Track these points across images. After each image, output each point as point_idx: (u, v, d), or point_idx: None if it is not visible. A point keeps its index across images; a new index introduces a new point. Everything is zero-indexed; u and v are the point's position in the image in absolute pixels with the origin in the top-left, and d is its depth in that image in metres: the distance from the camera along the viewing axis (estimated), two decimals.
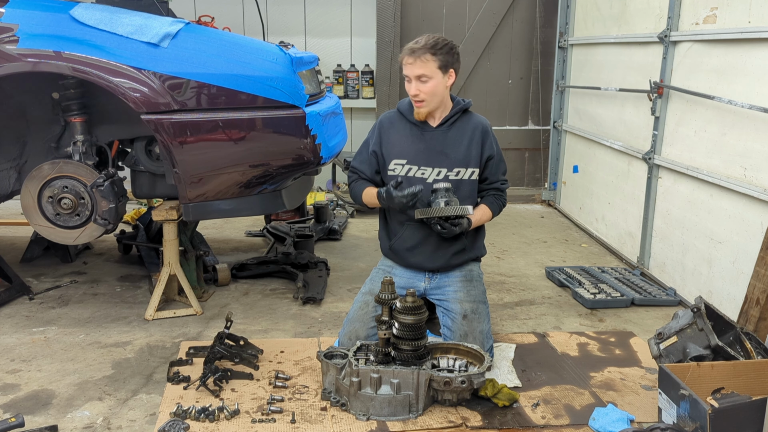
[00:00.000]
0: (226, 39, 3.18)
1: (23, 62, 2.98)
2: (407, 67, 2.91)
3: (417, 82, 2.91)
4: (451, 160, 3.01)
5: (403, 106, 3.11)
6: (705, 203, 3.67)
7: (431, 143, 3.02)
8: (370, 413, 2.56)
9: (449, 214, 2.87)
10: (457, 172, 3.01)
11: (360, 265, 4.44)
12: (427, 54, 2.88)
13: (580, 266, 4.43)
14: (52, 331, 3.34)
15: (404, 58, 2.93)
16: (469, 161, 3.02)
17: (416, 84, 2.91)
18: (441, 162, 3.01)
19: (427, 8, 6.43)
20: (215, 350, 2.87)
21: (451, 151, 3.01)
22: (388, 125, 3.10)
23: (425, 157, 3.01)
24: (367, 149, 3.13)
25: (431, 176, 3.01)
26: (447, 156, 3.01)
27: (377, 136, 3.11)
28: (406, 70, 2.92)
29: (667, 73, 4.01)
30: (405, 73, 2.94)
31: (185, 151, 3.10)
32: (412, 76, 2.91)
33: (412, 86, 2.93)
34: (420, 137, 3.03)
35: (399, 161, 3.04)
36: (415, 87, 2.92)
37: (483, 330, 2.99)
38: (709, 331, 2.58)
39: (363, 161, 3.14)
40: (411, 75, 2.91)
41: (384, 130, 3.10)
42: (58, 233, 3.32)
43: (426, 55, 2.88)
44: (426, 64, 2.88)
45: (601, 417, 2.56)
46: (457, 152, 3.01)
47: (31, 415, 2.57)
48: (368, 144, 3.14)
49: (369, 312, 3.01)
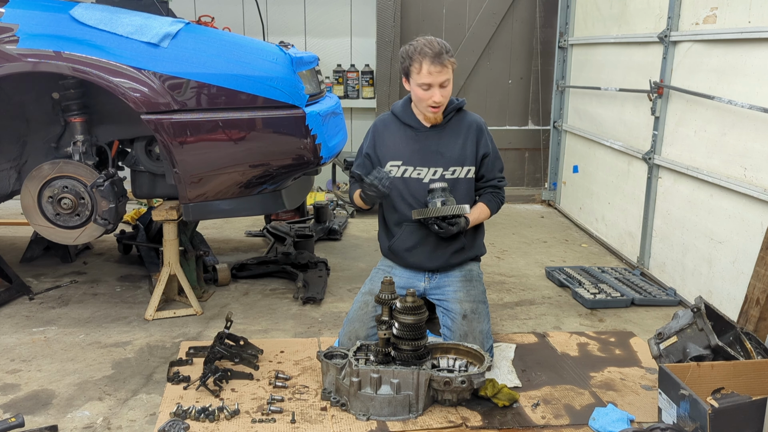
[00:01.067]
0: (226, 39, 3.18)
1: (23, 62, 2.98)
2: (431, 76, 2.82)
3: (440, 89, 2.86)
4: (446, 159, 3.01)
5: (397, 108, 3.11)
6: (705, 203, 3.67)
7: (426, 143, 3.02)
8: (370, 413, 2.56)
9: (446, 214, 2.87)
10: (453, 171, 3.02)
11: (360, 265, 4.44)
12: (450, 59, 2.84)
13: (580, 266, 4.43)
14: (52, 331, 3.35)
15: (424, 66, 2.82)
16: (464, 160, 3.03)
17: (439, 91, 2.86)
18: (436, 161, 3.01)
19: (427, 8, 6.42)
20: (215, 350, 2.87)
21: (446, 150, 3.02)
22: (383, 128, 3.11)
23: (420, 158, 3.02)
24: (362, 152, 3.16)
25: (427, 176, 3.01)
26: (442, 155, 3.01)
27: (371, 139, 3.12)
28: (429, 78, 2.83)
29: (667, 73, 4.01)
30: (425, 81, 2.84)
31: (185, 151, 3.10)
32: (436, 83, 2.84)
33: (435, 93, 2.86)
34: (414, 138, 3.04)
35: (395, 163, 3.04)
36: (438, 94, 2.86)
37: (483, 330, 2.99)
38: (709, 331, 2.58)
39: (359, 165, 3.14)
40: (435, 82, 2.84)
41: (378, 133, 3.10)
42: (58, 233, 3.32)
43: (449, 60, 2.84)
44: (449, 69, 2.85)
45: (601, 417, 2.56)
46: (452, 151, 3.02)
47: (31, 415, 2.57)
48: (362, 146, 3.17)
49: (369, 312, 3.01)
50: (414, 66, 2.86)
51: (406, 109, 3.07)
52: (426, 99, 2.89)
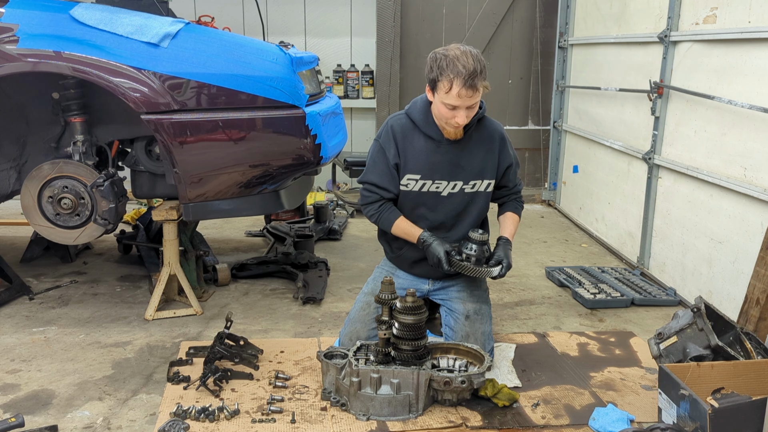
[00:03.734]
0: (226, 39, 3.18)
1: (23, 62, 2.99)
2: (460, 99, 2.62)
3: (467, 111, 2.68)
4: (467, 172, 2.89)
5: (415, 114, 2.88)
6: (705, 203, 3.67)
7: (447, 156, 2.87)
8: (370, 413, 2.56)
9: (474, 275, 2.84)
10: (473, 185, 2.91)
11: (360, 265, 4.44)
12: (484, 81, 2.64)
13: (580, 266, 4.43)
14: (52, 331, 3.34)
15: (455, 88, 2.60)
16: (485, 173, 2.92)
17: (465, 112, 2.68)
18: (457, 175, 2.89)
19: (427, 8, 6.42)
20: (215, 350, 2.87)
21: (467, 164, 2.89)
22: (402, 136, 2.88)
23: (440, 171, 2.87)
24: (386, 161, 2.88)
25: (446, 190, 2.91)
26: (463, 169, 2.89)
27: (394, 146, 2.87)
28: (458, 101, 2.63)
29: (667, 73, 4.01)
30: (453, 104, 2.64)
31: (185, 151, 3.10)
32: (464, 106, 2.65)
33: (461, 115, 2.67)
34: (435, 150, 2.86)
35: (413, 176, 2.88)
36: (464, 116, 2.68)
37: (485, 331, 2.98)
38: (709, 331, 2.58)
39: (383, 175, 2.89)
40: (464, 105, 2.65)
41: (399, 141, 2.87)
42: (58, 233, 3.32)
43: (483, 83, 2.64)
44: (480, 93, 2.66)
45: (601, 417, 2.56)
46: (473, 165, 2.90)
47: (31, 415, 2.57)
48: (385, 155, 2.88)
49: (371, 312, 2.99)
50: (443, 82, 2.63)
51: (426, 117, 2.85)
52: (449, 118, 2.71)
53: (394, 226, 2.92)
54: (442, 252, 2.79)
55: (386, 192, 2.91)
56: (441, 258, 2.78)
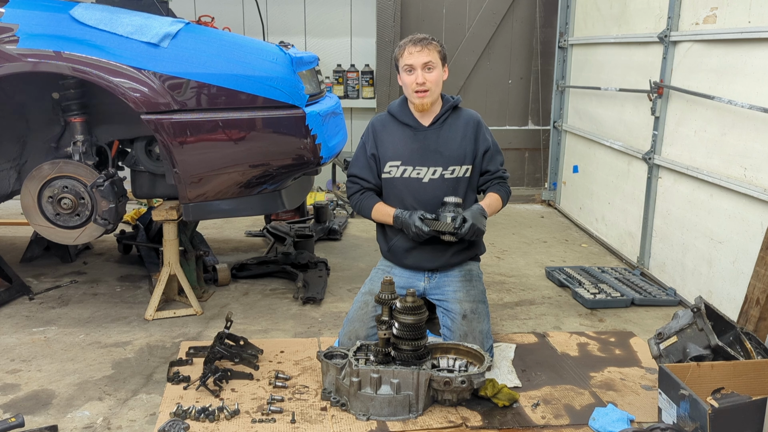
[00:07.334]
0: (226, 39, 3.18)
1: (23, 62, 2.98)
2: (412, 56, 2.91)
3: (423, 71, 2.91)
4: (445, 158, 3.01)
5: (394, 107, 3.11)
6: (705, 203, 3.67)
7: (425, 142, 3.03)
8: (370, 413, 2.56)
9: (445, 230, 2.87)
10: (452, 171, 3.02)
11: (360, 265, 4.44)
12: (432, 42, 2.94)
13: (580, 266, 4.43)
14: (52, 331, 3.35)
15: (407, 48, 2.93)
16: (464, 158, 3.03)
17: (422, 73, 2.91)
18: (436, 161, 3.01)
19: (427, 8, 6.43)
20: (215, 350, 2.87)
21: (445, 149, 3.02)
22: (381, 128, 3.10)
23: (420, 157, 3.02)
24: (365, 154, 3.11)
25: (427, 176, 3.01)
26: (441, 154, 3.02)
27: (372, 139, 3.10)
28: (410, 59, 2.91)
29: (667, 73, 4.01)
30: (407, 63, 2.92)
31: (185, 151, 3.10)
32: (418, 64, 2.90)
33: (418, 75, 2.91)
34: (413, 137, 3.04)
35: (394, 163, 3.04)
36: (421, 76, 2.91)
37: (483, 330, 2.99)
38: (709, 331, 2.58)
39: (363, 167, 3.11)
40: (417, 63, 2.90)
41: (377, 133, 3.09)
42: (58, 233, 3.32)
43: (432, 44, 2.93)
44: (432, 52, 2.91)
45: (601, 417, 2.56)
46: (450, 150, 3.02)
47: (31, 415, 2.57)
48: (364, 148, 3.12)
49: (369, 312, 3.01)
50: (399, 52, 2.97)
51: (403, 107, 3.07)
52: (410, 83, 2.93)
53: (374, 210, 3.08)
54: (415, 217, 2.90)
55: (365, 182, 3.11)
56: (414, 221, 2.88)
